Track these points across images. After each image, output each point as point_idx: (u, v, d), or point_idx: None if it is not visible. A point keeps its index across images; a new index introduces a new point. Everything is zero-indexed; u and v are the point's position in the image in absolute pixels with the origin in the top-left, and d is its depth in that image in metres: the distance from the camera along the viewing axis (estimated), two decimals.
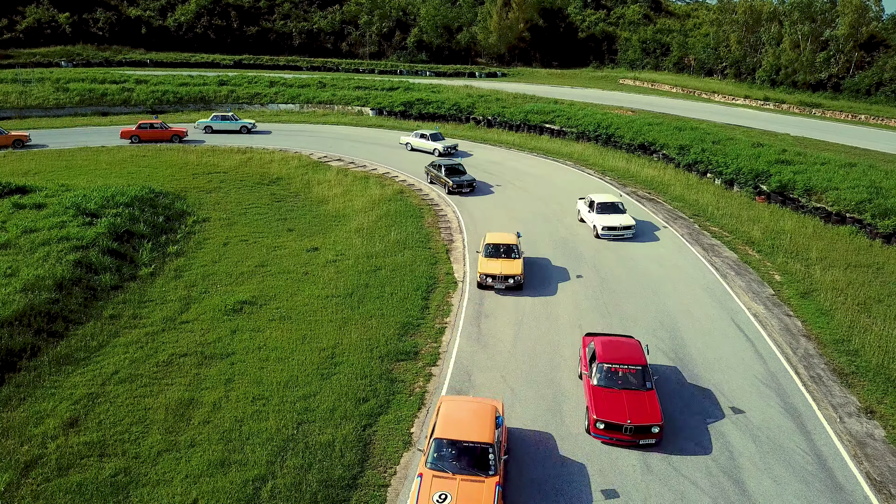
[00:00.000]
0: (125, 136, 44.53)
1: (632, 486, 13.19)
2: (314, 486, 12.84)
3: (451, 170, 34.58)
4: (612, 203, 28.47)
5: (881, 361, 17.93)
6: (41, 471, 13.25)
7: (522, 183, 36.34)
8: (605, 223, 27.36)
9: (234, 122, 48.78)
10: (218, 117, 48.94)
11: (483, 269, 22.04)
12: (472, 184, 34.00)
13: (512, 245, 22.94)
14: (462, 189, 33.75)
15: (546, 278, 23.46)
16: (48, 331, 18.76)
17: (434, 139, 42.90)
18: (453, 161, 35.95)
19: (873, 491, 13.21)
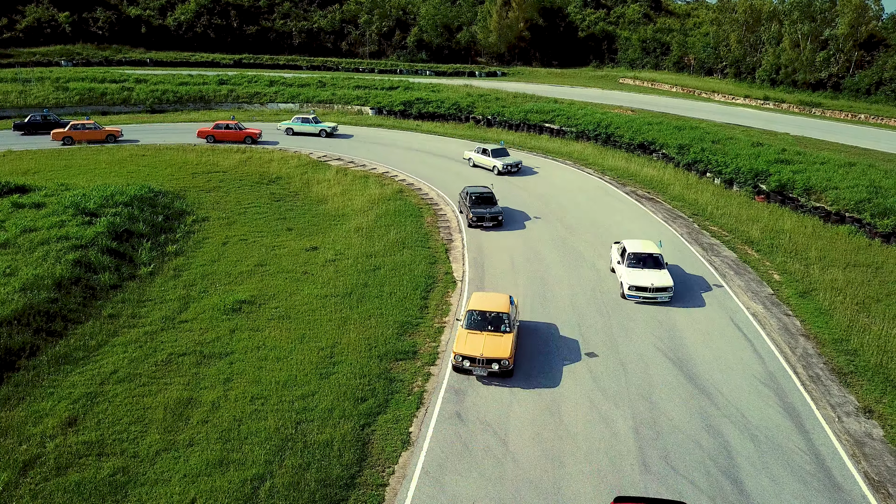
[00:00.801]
0: (201, 136, 44.54)
1: (629, 485, 13.19)
2: (312, 486, 12.86)
3: (478, 199, 29.45)
4: (649, 255, 22.31)
5: (880, 361, 17.94)
6: (40, 470, 13.27)
7: (523, 183, 36.31)
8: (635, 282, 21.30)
9: (314, 124, 47.40)
10: (299, 119, 47.64)
11: (460, 348, 16.70)
12: (496, 217, 28.49)
13: (503, 314, 17.81)
14: (483, 223, 28.48)
15: (541, 254, 23.46)
16: (47, 330, 18.76)
17: (496, 155, 38.43)
18: (483, 188, 30.34)
19: (871, 490, 13.22)
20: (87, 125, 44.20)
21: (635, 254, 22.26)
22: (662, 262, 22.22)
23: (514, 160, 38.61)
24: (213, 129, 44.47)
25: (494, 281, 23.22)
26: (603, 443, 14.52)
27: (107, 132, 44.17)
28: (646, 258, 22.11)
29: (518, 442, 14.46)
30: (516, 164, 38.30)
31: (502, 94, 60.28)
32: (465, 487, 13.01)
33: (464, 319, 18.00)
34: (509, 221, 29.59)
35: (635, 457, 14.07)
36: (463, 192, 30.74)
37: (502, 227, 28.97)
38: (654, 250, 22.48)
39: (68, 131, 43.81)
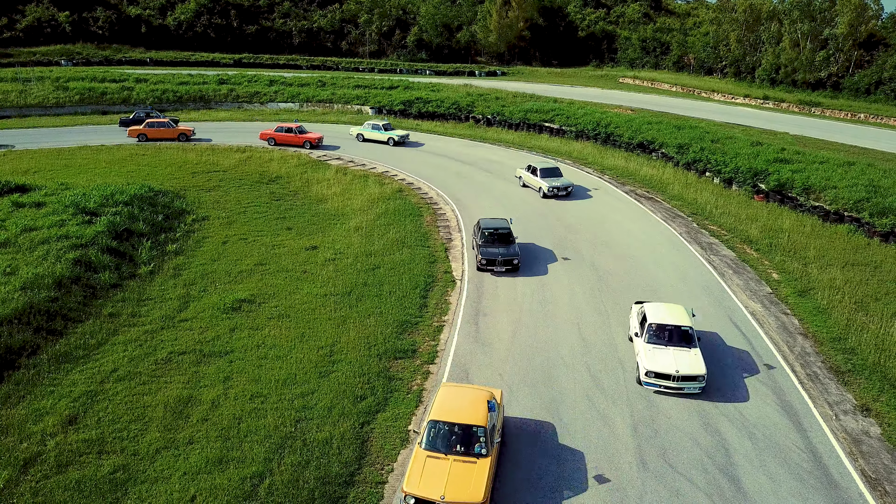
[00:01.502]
0: (263, 138, 43.94)
1: (627, 483, 13.25)
2: (312, 483, 12.92)
3: (490, 236, 24.31)
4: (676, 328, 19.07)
5: (877, 359, 18.00)
6: (40, 468, 13.33)
7: None
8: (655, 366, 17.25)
9: (384, 131, 44.98)
10: (370, 125, 45.65)
11: (412, 486, 12.01)
12: (511, 261, 23.41)
13: (476, 430, 12.79)
14: (493, 268, 23.51)
15: (538, 260, 23.51)
16: (47, 329, 18.82)
17: (544, 175, 33.45)
18: (498, 223, 25.00)
19: (868, 488, 13.28)
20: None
21: (658, 325, 16.84)
22: (694, 339, 16.75)
23: (565, 182, 33.34)
24: (275, 132, 43.53)
25: (495, 278, 23.26)
26: (601, 440, 14.58)
27: (179, 131, 44.46)
28: (672, 331, 16.84)
29: (516, 440, 14.50)
30: (566, 188, 33.10)
31: (502, 94, 60.33)
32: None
33: (423, 433, 13.00)
34: None
35: (633, 454, 14.13)
36: (475, 226, 25.82)
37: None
38: (683, 321, 17.13)
39: (143, 128, 44.27)
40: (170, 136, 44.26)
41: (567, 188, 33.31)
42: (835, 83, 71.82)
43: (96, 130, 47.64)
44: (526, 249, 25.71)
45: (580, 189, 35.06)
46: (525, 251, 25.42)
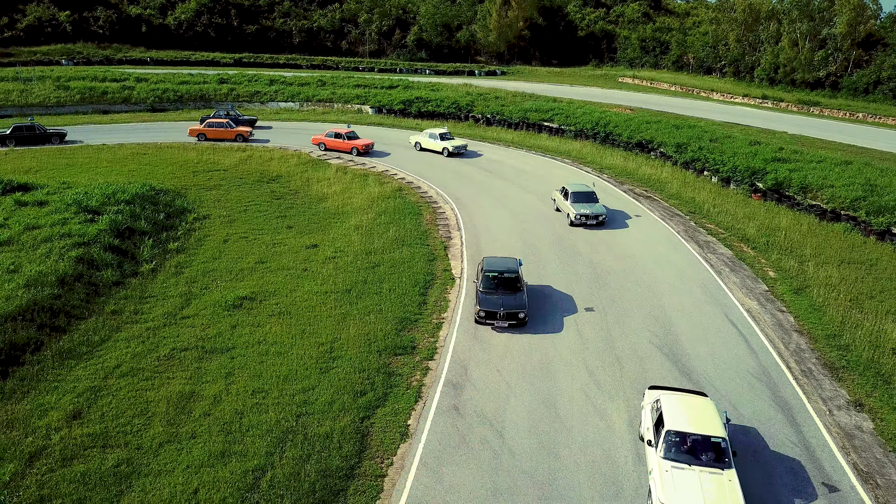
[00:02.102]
0: (315, 143, 43.13)
1: (624, 477, 13.46)
2: (313, 477, 13.13)
3: (494, 281, 20.17)
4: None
5: (871, 356, 18.21)
6: (45, 461, 13.54)
7: (523, 181, 36.55)
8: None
9: (441, 140, 42.15)
10: (427, 134, 43.07)
11: None
12: (516, 314, 19.17)
13: None
14: (494, 321, 19.31)
15: (538, 264, 23.73)
16: (51, 325, 19.02)
17: (577, 199, 29.01)
18: (504, 265, 20.75)
19: (860, 481, 13.49)
20: (220, 122, 44.58)
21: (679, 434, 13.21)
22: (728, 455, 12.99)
23: (599, 210, 28.61)
24: (325, 137, 42.53)
25: None
26: (598, 432, 14.79)
27: (236, 132, 44.41)
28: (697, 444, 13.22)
29: (514, 434, 14.72)
30: (598, 216, 28.41)
31: (502, 93, 60.52)
32: (463, 478, 13.28)
33: None
34: (508, 219, 29.79)
35: (629, 449, 14.34)
36: (479, 266, 21.79)
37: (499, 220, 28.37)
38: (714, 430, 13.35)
39: (203, 128, 44.59)
40: (227, 136, 44.36)
41: (600, 216, 28.47)
42: (833, 83, 72.02)
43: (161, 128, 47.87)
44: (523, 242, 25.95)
45: None
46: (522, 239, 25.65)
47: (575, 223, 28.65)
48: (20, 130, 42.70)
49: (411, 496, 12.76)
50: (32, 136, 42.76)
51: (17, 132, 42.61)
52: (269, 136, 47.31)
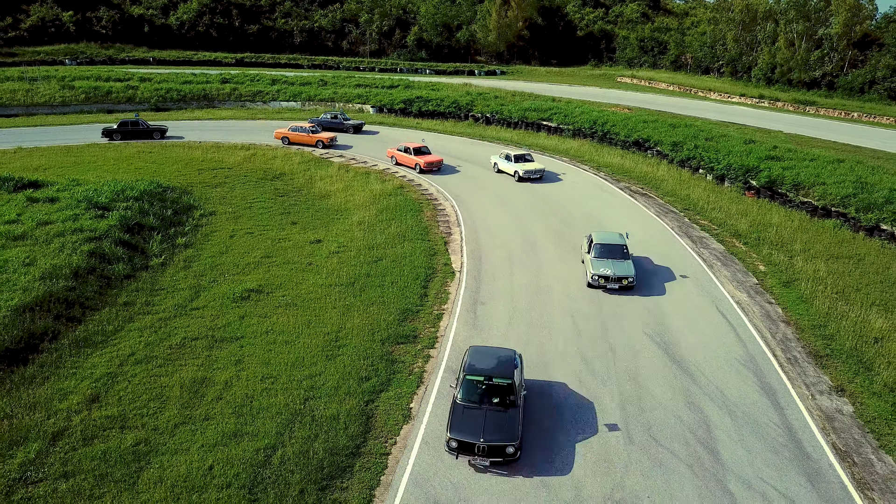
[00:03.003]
0: (388, 156, 40.66)
1: (614, 454, 14.24)
2: (321, 454, 13.90)
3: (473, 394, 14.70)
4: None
5: (854, 345, 18.98)
6: (67, 441, 14.29)
7: None
8: None
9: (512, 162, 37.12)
10: (503, 155, 38.26)
11: None
12: (503, 449, 13.59)
13: None
14: (470, 456, 13.76)
15: (536, 257, 24.50)
16: (67, 316, 19.79)
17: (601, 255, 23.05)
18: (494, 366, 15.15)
19: (838, 459, 14.26)
20: (303, 128, 44.44)
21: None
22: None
23: (625, 271, 22.28)
24: (395, 151, 40.08)
25: (493, 270, 24.24)
26: (591, 416, 15.58)
27: (317, 138, 43.88)
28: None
29: None
30: (624, 278, 22.08)
31: (501, 93, 61.29)
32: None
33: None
34: (507, 218, 30.52)
35: (621, 430, 15.10)
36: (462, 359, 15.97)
37: (498, 219, 29.49)
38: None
39: (287, 132, 44.64)
40: (308, 142, 44.03)
41: (627, 279, 22.22)
42: (829, 82, 72.81)
43: None
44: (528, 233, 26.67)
45: (571, 181, 36.01)
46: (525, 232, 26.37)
47: (593, 284, 22.51)
48: (125, 125, 45.04)
49: (414, 472, 13.53)
50: (136, 130, 45.01)
51: (122, 127, 44.98)
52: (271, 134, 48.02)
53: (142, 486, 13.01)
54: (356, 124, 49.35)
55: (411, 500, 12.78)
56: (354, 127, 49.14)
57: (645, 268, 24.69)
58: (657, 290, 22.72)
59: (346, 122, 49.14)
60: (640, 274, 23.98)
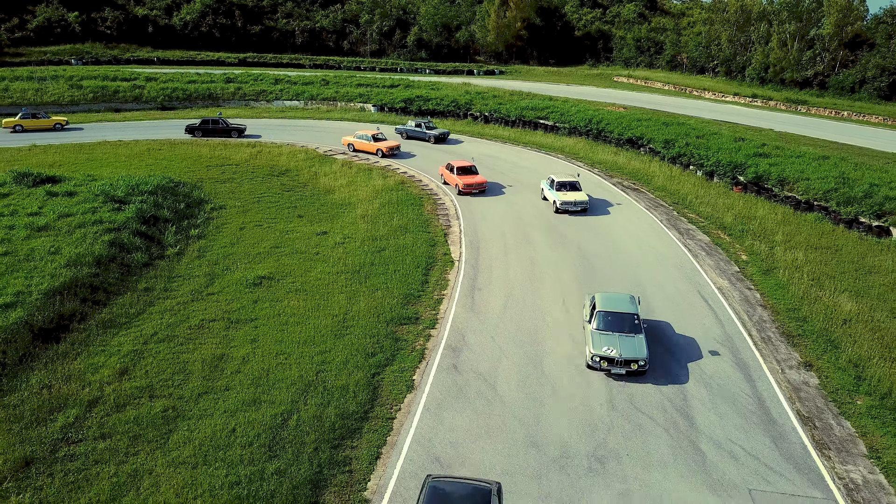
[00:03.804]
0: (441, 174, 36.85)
1: (598, 420, 15.70)
2: (333, 418, 15.36)
3: None
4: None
5: (825, 326, 20.45)
6: (102, 408, 15.74)
7: (516, 174, 38.77)
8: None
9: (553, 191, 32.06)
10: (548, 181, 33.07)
11: None
12: None
13: None
14: None
15: (530, 248, 25.97)
16: (92, 300, 21.24)
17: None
18: None
19: (801, 424, 15.73)
20: (366, 136, 43.37)
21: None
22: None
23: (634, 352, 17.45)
24: (445, 169, 36.57)
25: (490, 260, 25.70)
26: (577, 386, 17.03)
27: (376, 146, 42.59)
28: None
29: (505, 388, 16.96)
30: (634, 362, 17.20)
31: (499, 92, 62.70)
32: (460, 420, 15.51)
33: None
34: (505, 212, 31.95)
35: (605, 400, 16.56)
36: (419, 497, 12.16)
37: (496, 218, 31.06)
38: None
39: (352, 139, 43.94)
40: (370, 150, 43.19)
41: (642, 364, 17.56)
42: (821, 82, 74.28)
43: (173, 126, 50.00)
44: None
45: None
46: None
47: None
48: (207, 123, 46.97)
49: (417, 433, 15.00)
50: (217, 128, 46.80)
51: (204, 125, 46.98)
52: (276, 132, 49.44)
53: (172, 445, 14.47)
54: (438, 134, 47.18)
55: (415, 458, 14.26)
56: (436, 137, 47.08)
57: (630, 252, 26.14)
58: (644, 277, 24.17)
59: (428, 131, 47.26)
60: (625, 260, 25.39)
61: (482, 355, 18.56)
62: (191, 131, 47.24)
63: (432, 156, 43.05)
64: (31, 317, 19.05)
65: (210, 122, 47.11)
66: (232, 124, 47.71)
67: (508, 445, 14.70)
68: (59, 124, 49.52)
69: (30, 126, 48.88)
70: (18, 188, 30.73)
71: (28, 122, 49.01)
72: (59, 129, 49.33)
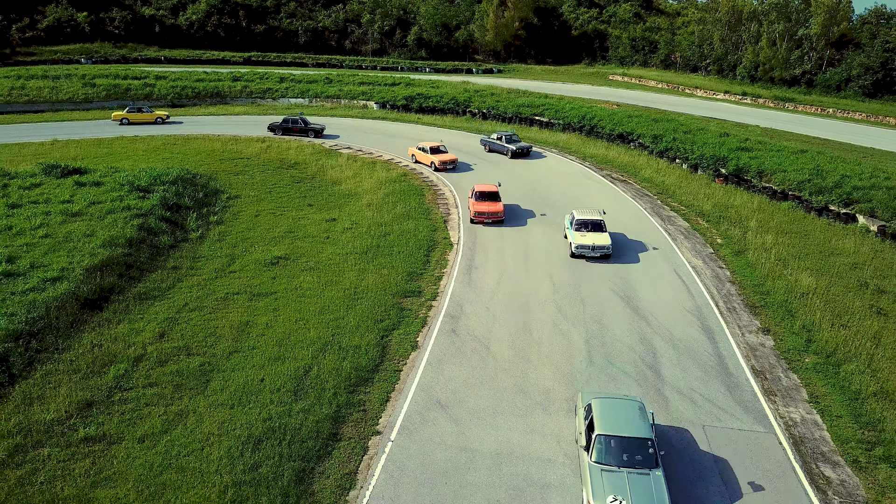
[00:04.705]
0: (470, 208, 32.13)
1: (578, 372, 18.09)
2: (348, 370, 17.75)
3: None
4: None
5: (785, 298, 22.84)
6: (146, 363, 18.12)
7: (513, 168, 41.12)
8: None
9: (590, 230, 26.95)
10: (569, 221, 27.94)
11: None
12: None
13: None
14: None
15: (524, 235, 28.34)
16: (127, 276, 23.62)
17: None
18: None
19: (753, 376, 18.12)
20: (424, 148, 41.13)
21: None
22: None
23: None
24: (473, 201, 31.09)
25: (486, 244, 28.07)
26: (561, 346, 19.43)
27: (431, 159, 40.11)
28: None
29: (498, 347, 19.35)
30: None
31: (497, 90, 65.04)
32: (458, 373, 17.90)
33: None
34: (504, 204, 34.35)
35: (585, 357, 18.95)
36: None
37: None
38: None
39: (415, 150, 41.85)
40: (425, 162, 40.87)
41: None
42: (809, 80, 76.64)
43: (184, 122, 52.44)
44: None
45: (558, 169, 39.80)
46: None
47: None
48: (287, 122, 48.98)
49: (420, 382, 17.40)
50: (295, 128, 48.74)
51: (285, 123, 49.02)
52: None
53: (210, 392, 16.86)
54: (517, 149, 43.19)
55: (419, 400, 16.66)
56: (514, 152, 43.10)
57: (617, 241, 28.51)
58: (626, 258, 26.55)
59: (508, 144, 43.61)
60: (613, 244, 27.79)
61: (478, 322, 20.95)
62: (272, 130, 49.18)
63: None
64: (77, 288, 21.44)
65: (290, 121, 49.17)
66: (311, 125, 49.29)
67: (499, 392, 17.09)
68: (161, 118, 53.28)
69: (135, 119, 53.00)
70: (48, 179, 33.07)
71: (133, 115, 53.11)
72: (161, 123, 53.09)
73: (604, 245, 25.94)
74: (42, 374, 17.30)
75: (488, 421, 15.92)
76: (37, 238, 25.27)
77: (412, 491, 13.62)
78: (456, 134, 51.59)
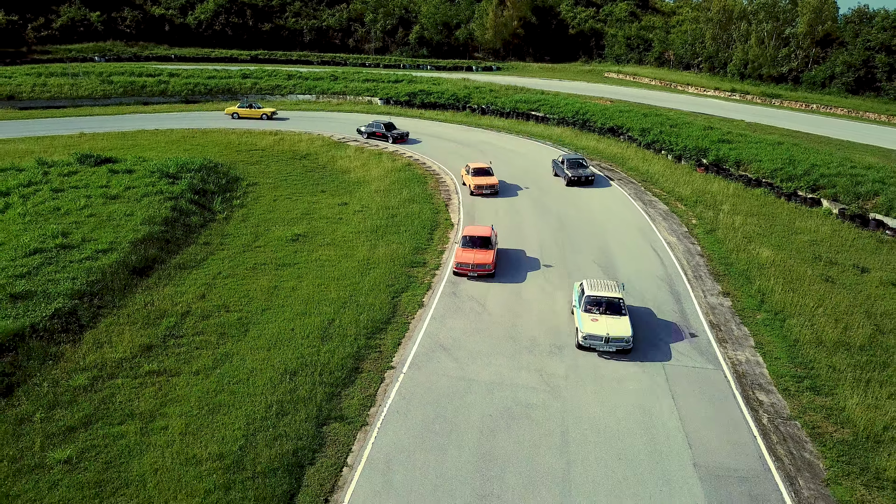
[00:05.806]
0: None
1: (561, 326, 21.23)
2: (365, 321, 20.92)
3: None
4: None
5: (745, 268, 25.97)
6: (192, 317, 21.25)
7: (509, 158, 44.25)
8: None
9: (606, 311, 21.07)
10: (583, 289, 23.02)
11: None
12: None
13: None
14: None
15: (517, 215, 31.48)
16: (166, 249, 26.77)
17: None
18: None
19: (710, 328, 21.27)
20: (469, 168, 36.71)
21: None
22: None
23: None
24: None
25: (482, 224, 31.16)
26: (547, 305, 22.56)
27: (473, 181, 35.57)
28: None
29: (492, 306, 22.49)
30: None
31: (496, 87, 68.14)
32: (458, 324, 21.03)
33: None
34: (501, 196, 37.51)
35: (566, 315, 22.08)
36: None
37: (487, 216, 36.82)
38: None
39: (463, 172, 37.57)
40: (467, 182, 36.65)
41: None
42: (795, 77, 79.70)
43: (199, 117, 55.45)
44: None
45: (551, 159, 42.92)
46: None
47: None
48: (371, 127, 50.38)
49: (427, 331, 20.55)
50: (380, 133, 49.60)
51: (369, 128, 50.42)
52: (294, 122, 54.84)
53: (249, 339, 20.01)
54: (574, 176, 37.11)
55: (426, 344, 19.82)
56: (570, 179, 37.22)
57: (600, 219, 31.64)
58: (607, 235, 29.67)
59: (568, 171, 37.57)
60: (596, 223, 30.88)
61: (475, 288, 24.08)
62: (360, 133, 50.21)
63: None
64: (126, 258, 24.60)
65: (374, 125, 49.78)
66: (395, 132, 48.98)
67: (493, 338, 20.24)
68: (266, 115, 55.99)
69: (244, 114, 56.17)
70: (83, 167, 36.22)
71: (244, 111, 56.37)
72: (267, 119, 55.76)
73: (621, 338, 19.30)
74: (105, 325, 20.45)
75: (483, 360, 19.08)
76: (83, 217, 28.44)
77: (420, 408, 16.78)
78: (455, 128, 54.64)
